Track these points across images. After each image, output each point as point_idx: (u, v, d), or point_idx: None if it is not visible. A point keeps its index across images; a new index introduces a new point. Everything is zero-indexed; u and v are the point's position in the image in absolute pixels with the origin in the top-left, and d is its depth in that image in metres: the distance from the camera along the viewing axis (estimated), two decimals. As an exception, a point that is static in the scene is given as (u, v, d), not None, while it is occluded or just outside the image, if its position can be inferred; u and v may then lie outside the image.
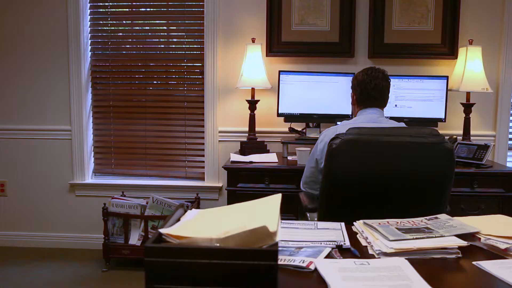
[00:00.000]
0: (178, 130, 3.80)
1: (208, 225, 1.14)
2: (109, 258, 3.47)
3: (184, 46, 3.75)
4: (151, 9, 3.76)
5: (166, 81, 3.81)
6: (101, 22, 3.79)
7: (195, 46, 3.74)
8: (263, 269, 0.93)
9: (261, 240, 0.96)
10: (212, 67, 3.64)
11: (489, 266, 1.23)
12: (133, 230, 3.46)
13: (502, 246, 1.32)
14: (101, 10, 3.78)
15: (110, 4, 3.76)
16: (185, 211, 1.27)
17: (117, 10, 3.79)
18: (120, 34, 3.82)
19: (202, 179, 3.79)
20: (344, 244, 1.36)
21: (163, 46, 3.77)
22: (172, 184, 3.78)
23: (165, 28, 3.79)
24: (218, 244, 0.96)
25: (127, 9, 3.78)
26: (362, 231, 1.46)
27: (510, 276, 1.16)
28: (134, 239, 3.44)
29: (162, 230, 1.02)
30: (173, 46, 3.77)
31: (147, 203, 3.46)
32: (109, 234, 3.46)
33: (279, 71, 3.37)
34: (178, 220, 1.19)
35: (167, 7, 3.73)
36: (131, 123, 3.83)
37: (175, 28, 3.76)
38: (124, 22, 3.79)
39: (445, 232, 1.41)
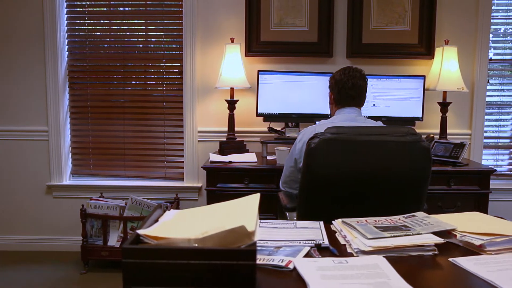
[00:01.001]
0: (157, 130, 3.77)
1: (187, 225, 1.13)
2: (87, 260, 3.43)
3: (162, 46, 3.73)
4: (129, 9, 3.73)
5: (145, 81, 3.78)
6: (78, 21, 3.75)
7: (173, 46, 3.72)
8: (242, 269, 0.93)
9: (239, 240, 0.96)
10: (191, 67, 3.62)
11: (465, 262, 1.25)
12: (112, 232, 3.43)
13: (477, 242, 1.34)
14: (78, 9, 3.74)
15: (87, 3, 3.72)
16: (164, 212, 1.27)
17: (94, 9, 3.75)
18: (98, 33, 3.77)
19: (182, 179, 3.77)
20: (323, 243, 1.37)
21: (141, 46, 3.75)
22: (151, 184, 3.76)
23: (144, 27, 3.76)
24: (196, 245, 0.96)
25: (105, 8, 3.75)
26: (341, 229, 1.47)
27: (485, 272, 1.18)
28: (113, 240, 3.41)
29: (140, 231, 1.02)
30: (152, 46, 3.75)
31: (126, 204, 3.44)
32: (87, 235, 3.43)
33: (258, 71, 3.38)
34: (157, 220, 1.19)
35: (145, 7, 3.70)
36: (110, 123, 3.79)
37: (153, 27, 3.74)
38: (101, 21, 3.75)
39: (422, 230, 1.43)
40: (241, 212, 1.12)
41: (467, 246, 1.39)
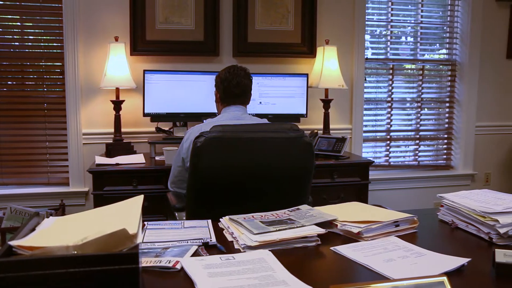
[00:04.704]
0: (38, 133, 3.55)
1: (66, 232, 1.08)
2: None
3: (41, 44, 3.52)
4: (2, 2, 3.46)
5: (22, 82, 3.54)
6: None
7: (54, 44, 3.52)
8: (124, 274, 0.90)
9: (121, 243, 0.94)
10: (73, 67, 3.45)
11: (344, 250, 1.34)
12: (-10, 244, 3.18)
13: (355, 230, 1.44)
14: None
15: (-48, -4, 3.40)
16: (42, 220, 1.20)
17: (-40, 4, 3.44)
18: (-34, 30, 3.47)
19: (67, 184, 3.59)
20: (211, 241, 1.38)
21: (17, 43, 3.50)
22: (33, 191, 3.52)
23: (19, 24, 3.52)
24: (75, 252, 0.92)
25: (-27, 3, 3.45)
26: (228, 226, 1.49)
27: (361, 257, 1.28)
28: (-9, 253, 3.16)
29: (12, 242, 0.95)
30: (30, 44, 3.51)
31: (4, 214, 3.20)
32: (-40, 250, 3.14)
33: (144, 70, 3.32)
34: (33, 229, 1.12)
35: (20, 1, 3.45)
36: (-17, 127, 3.51)
37: (31, 24, 3.51)
38: (-31, 16, 3.46)
39: (306, 222, 1.49)
40: (124, 214, 1.10)
41: (347, 235, 1.48)
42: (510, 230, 1.38)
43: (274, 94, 3.47)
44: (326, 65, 3.53)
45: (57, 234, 1.07)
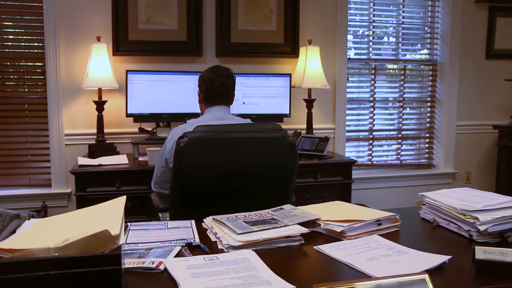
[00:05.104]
0: (19, 135, 3.50)
1: (47, 234, 1.07)
2: None
3: (22, 44, 3.47)
4: (-19, 3, 3.43)
5: (3, 82, 3.49)
6: None
7: (34, 44, 3.48)
8: (107, 275, 0.90)
9: (103, 245, 0.93)
10: (55, 67, 3.42)
11: (327, 248, 1.35)
12: (-30, 247, 3.13)
13: (338, 229, 1.44)
14: None
15: None
16: (23, 222, 1.19)
17: None
18: None
19: (49, 185, 3.55)
20: (194, 241, 1.38)
21: (-4, 43, 3.47)
22: (14, 193, 3.47)
23: (-1, 24, 3.48)
24: (57, 254, 0.91)
25: (-49, 2, 3.40)
26: (212, 227, 1.49)
27: (345, 256, 1.28)
28: (-29, 256, 3.11)
29: (-8, 245, 0.94)
30: (9, 43, 3.47)
31: (-16, 216, 3.16)
32: None
33: (127, 71, 3.30)
34: (14, 232, 1.11)
35: (-1, 1, 3.42)
36: (-37, 128, 3.46)
37: (10, 23, 3.47)
38: None
39: (289, 222, 1.49)
40: (106, 216, 1.09)
41: (330, 234, 1.48)
42: (490, 227, 1.40)
43: (257, 94, 3.47)
44: (309, 65, 3.54)
45: (39, 236, 1.06)
